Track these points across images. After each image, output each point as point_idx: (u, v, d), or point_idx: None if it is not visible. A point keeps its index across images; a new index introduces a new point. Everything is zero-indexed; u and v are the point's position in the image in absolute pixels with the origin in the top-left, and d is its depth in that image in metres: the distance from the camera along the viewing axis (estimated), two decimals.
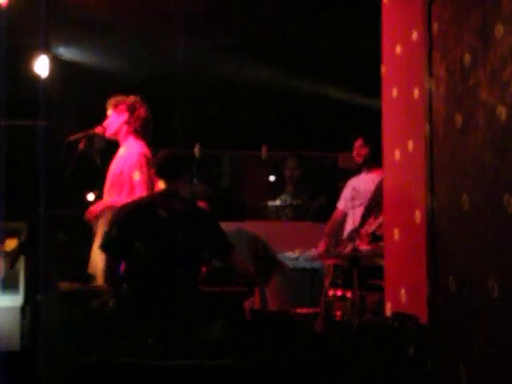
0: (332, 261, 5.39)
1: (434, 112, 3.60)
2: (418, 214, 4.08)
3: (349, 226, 5.79)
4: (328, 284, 5.28)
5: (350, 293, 4.70)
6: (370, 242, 5.21)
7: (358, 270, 4.62)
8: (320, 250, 5.95)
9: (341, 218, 6.08)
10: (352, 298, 4.65)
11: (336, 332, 4.81)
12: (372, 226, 5.40)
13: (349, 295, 4.76)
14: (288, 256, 6.25)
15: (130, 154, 5.24)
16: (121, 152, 5.33)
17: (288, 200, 7.53)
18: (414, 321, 3.80)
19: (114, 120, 5.33)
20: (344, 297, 4.86)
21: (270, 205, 7.58)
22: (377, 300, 4.65)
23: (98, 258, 4.99)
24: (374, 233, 5.25)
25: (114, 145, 5.40)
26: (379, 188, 5.21)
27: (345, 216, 6.02)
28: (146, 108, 5.37)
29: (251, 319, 4.63)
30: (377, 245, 4.99)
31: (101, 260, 4.86)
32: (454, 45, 3.44)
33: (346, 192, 6.07)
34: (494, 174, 3.13)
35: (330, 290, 5.07)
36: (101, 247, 4.53)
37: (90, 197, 6.99)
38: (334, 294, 4.97)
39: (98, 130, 5.29)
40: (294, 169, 7.66)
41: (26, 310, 5.53)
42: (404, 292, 4.23)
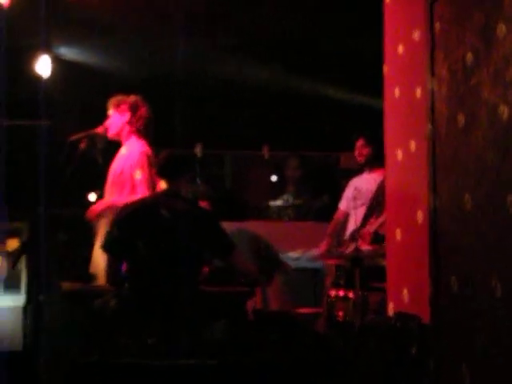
0: (334, 261, 5.39)
1: (437, 112, 3.60)
2: (420, 213, 4.08)
3: (351, 226, 5.77)
4: (330, 284, 5.28)
5: (352, 293, 4.69)
6: (371, 242, 5.21)
7: (360, 270, 4.61)
8: (322, 250, 5.94)
9: (343, 218, 6.07)
10: (354, 298, 4.64)
11: (338, 332, 4.80)
12: (373, 225, 5.40)
13: (351, 295, 4.75)
14: (290, 256, 6.23)
15: (131, 153, 5.23)
16: (122, 151, 5.33)
17: (290, 200, 7.52)
18: (416, 321, 3.81)
19: (115, 120, 5.32)
20: (346, 297, 4.85)
21: (272, 205, 7.56)
22: (379, 300, 4.65)
23: (99, 258, 4.99)
24: (376, 232, 5.25)
25: (115, 145, 5.39)
26: (381, 188, 5.21)
27: (347, 216, 6.01)
28: (148, 107, 5.37)
29: (253, 319, 4.63)
30: (379, 245, 4.98)
31: (102, 260, 4.86)
32: (456, 44, 3.44)
33: (348, 192, 6.06)
34: (496, 174, 3.13)
35: (332, 290, 5.06)
36: (102, 247, 4.53)
37: (92, 197, 6.99)
38: (336, 294, 4.96)
39: (99, 129, 5.28)
40: (295, 169, 7.65)
41: (28, 309, 5.53)
42: (406, 292, 4.23)
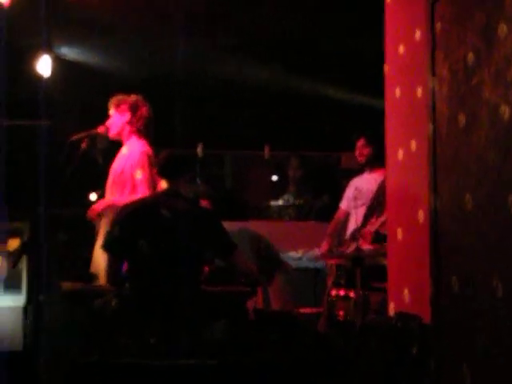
0: (335, 260, 5.39)
1: (438, 111, 3.60)
2: (421, 213, 4.07)
3: (351, 225, 5.78)
4: (331, 284, 5.27)
5: (353, 292, 4.69)
6: (372, 242, 5.21)
7: (361, 269, 4.61)
8: (323, 249, 5.94)
9: (343, 217, 6.07)
10: (355, 298, 4.64)
11: (339, 332, 4.80)
12: (374, 225, 5.40)
13: (352, 295, 4.76)
14: (291, 256, 6.24)
15: (132, 153, 5.24)
16: (123, 151, 5.33)
17: (291, 200, 7.52)
18: (417, 321, 3.80)
19: (116, 120, 5.32)
20: (347, 296, 4.85)
21: (273, 204, 7.56)
22: (380, 300, 4.65)
23: (100, 258, 4.98)
24: (376, 232, 5.25)
25: (116, 144, 5.39)
26: (381, 188, 5.21)
27: (347, 216, 6.01)
28: (148, 107, 5.37)
29: (254, 319, 4.62)
30: (380, 244, 4.98)
31: (103, 259, 4.85)
32: (457, 44, 3.44)
33: (349, 192, 6.06)
34: (498, 174, 3.13)
35: (332, 289, 5.06)
36: (103, 247, 4.53)
37: (93, 196, 6.99)
38: (337, 294, 4.96)
39: (100, 129, 5.28)
40: (296, 168, 7.65)
41: (28, 309, 5.52)
42: (407, 292, 4.23)
